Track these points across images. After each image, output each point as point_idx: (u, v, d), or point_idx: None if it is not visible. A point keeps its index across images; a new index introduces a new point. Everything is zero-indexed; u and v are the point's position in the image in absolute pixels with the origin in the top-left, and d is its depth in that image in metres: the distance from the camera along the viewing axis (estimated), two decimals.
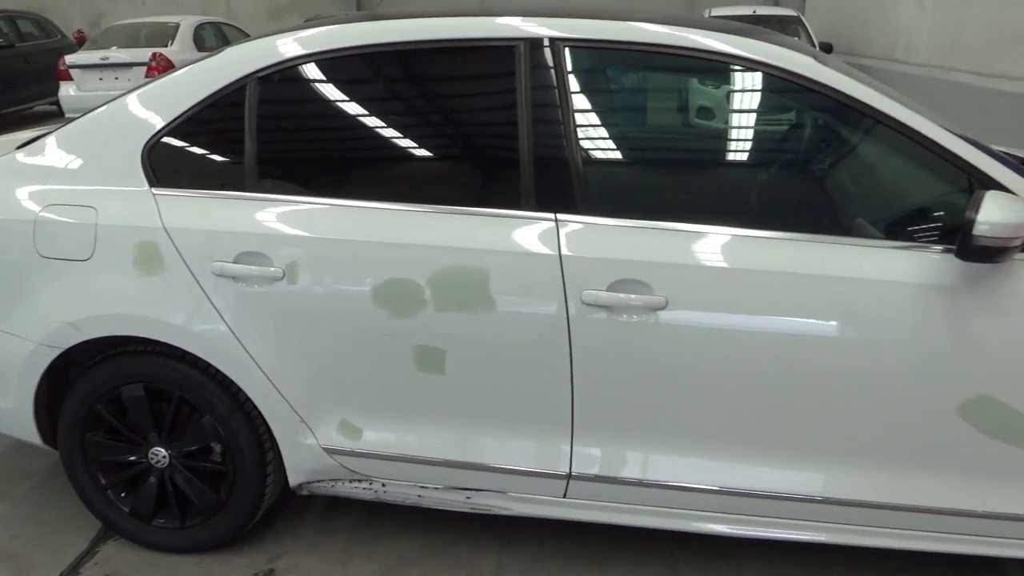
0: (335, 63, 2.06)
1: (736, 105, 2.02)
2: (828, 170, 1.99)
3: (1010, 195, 1.66)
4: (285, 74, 2.06)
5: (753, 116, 2.04)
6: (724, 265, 1.83)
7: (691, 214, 1.88)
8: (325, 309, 1.98)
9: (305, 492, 2.23)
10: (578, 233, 1.89)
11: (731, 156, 2.08)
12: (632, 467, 1.98)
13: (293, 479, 2.19)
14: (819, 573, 2.20)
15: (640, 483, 1.98)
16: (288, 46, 2.06)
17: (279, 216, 2.00)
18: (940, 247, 1.79)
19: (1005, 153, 2.22)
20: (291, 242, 1.98)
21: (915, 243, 1.81)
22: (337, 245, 1.96)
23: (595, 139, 2.01)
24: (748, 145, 2.07)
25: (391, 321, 1.95)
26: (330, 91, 2.07)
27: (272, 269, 1.98)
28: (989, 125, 6.47)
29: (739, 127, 2.05)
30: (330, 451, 2.11)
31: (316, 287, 1.98)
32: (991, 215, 1.61)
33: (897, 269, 1.78)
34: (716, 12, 10.39)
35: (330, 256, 1.96)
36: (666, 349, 1.86)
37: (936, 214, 1.85)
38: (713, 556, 2.27)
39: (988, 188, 1.73)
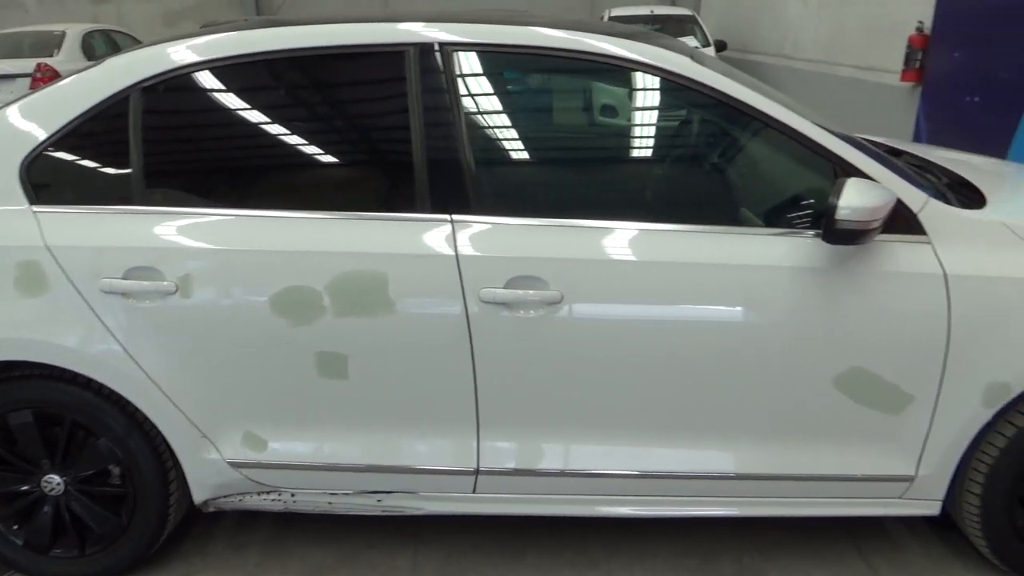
0: (224, 71, 2.02)
1: (621, 104, 2.09)
2: (713, 163, 2.09)
3: (870, 181, 1.80)
4: (172, 83, 2.01)
5: (638, 114, 2.13)
6: (614, 258, 1.90)
7: (583, 210, 1.95)
8: (222, 321, 1.95)
9: (212, 508, 2.18)
10: (474, 233, 1.92)
11: (619, 153, 2.16)
12: (538, 458, 2.03)
13: (198, 496, 2.14)
14: (719, 544, 2.31)
15: (547, 473, 2.03)
16: (178, 54, 2.02)
17: (169, 229, 1.96)
18: (811, 232, 1.91)
19: (869, 142, 2.37)
20: (183, 255, 1.94)
21: (791, 229, 1.93)
22: (231, 256, 1.93)
23: (487, 140, 2.05)
24: (635, 142, 2.15)
25: (290, 329, 1.94)
26: (220, 99, 2.04)
27: (164, 283, 1.93)
28: (869, 114, 6.89)
29: (626, 125, 2.13)
30: (235, 465, 2.08)
31: (212, 299, 1.94)
32: (851, 200, 1.73)
33: (775, 254, 1.89)
34: (615, 12, 10.63)
35: (224, 267, 1.93)
36: (564, 342, 1.92)
37: (808, 201, 1.97)
38: (620, 539, 2.35)
39: (850, 175, 1.86)
